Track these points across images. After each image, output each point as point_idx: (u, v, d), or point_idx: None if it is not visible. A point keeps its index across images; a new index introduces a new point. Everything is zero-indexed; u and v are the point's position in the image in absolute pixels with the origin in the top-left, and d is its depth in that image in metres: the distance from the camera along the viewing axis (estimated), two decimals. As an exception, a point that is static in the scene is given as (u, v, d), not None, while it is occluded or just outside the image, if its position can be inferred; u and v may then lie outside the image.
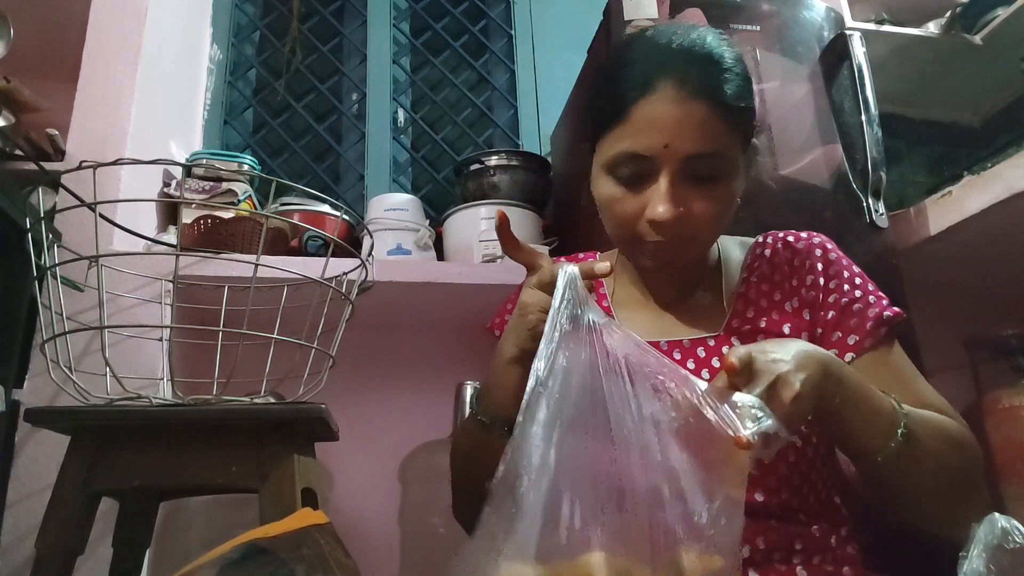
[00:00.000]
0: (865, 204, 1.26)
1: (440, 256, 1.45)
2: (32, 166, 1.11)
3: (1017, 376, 1.33)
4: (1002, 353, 1.38)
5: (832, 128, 1.30)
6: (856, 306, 0.71)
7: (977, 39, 1.64)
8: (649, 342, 0.71)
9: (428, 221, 1.49)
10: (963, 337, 1.48)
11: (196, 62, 1.70)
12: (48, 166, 1.14)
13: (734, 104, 0.66)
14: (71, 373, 0.67)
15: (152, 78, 1.35)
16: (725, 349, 0.71)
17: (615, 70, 0.70)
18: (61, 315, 0.68)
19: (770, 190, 1.22)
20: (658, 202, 0.65)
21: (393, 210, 1.44)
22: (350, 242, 1.40)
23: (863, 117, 1.28)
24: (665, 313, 0.77)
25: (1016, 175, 1.13)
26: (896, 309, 0.72)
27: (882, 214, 1.27)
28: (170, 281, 0.74)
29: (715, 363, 0.70)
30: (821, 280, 0.73)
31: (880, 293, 0.74)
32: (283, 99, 1.80)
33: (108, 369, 0.70)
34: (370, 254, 0.84)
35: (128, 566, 0.82)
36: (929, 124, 1.93)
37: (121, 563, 0.82)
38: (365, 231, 1.13)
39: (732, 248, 0.82)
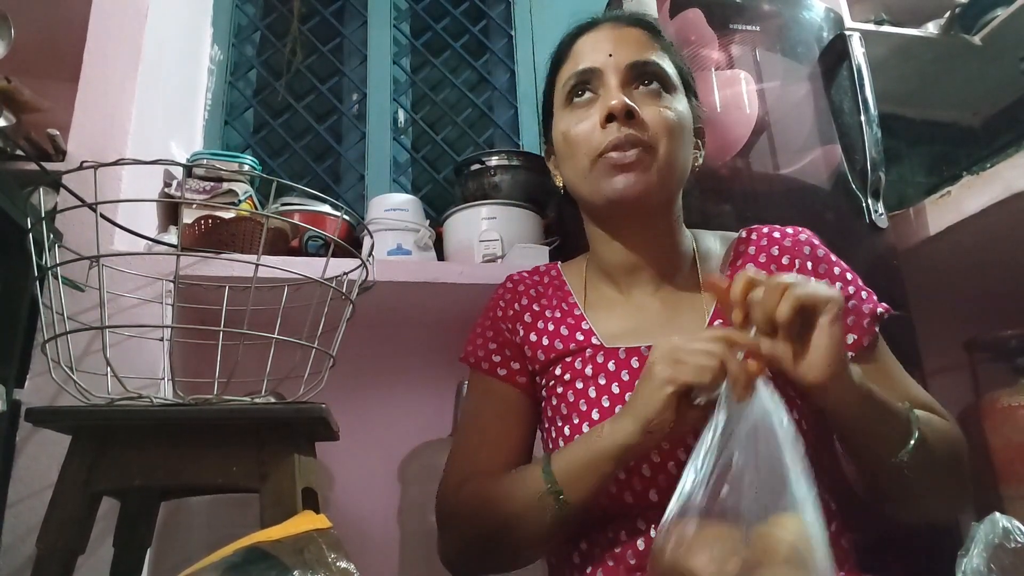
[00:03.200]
0: (865, 204, 1.27)
1: (440, 256, 1.45)
2: (33, 166, 1.12)
3: (1016, 376, 1.34)
4: (1001, 353, 1.38)
5: (832, 128, 1.30)
6: (851, 303, 0.71)
7: (976, 39, 1.64)
8: (627, 349, 0.71)
9: (428, 221, 1.49)
10: (963, 337, 1.48)
11: (197, 62, 1.70)
12: (49, 166, 1.14)
13: (665, 38, 0.76)
14: (72, 373, 0.67)
15: (153, 78, 1.35)
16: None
17: (563, 37, 0.81)
18: (62, 315, 0.68)
19: (770, 190, 1.23)
20: (609, 96, 0.70)
21: (393, 210, 1.44)
22: (350, 242, 1.40)
23: (862, 117, 1.29)
24: (642, 312, 0.75)
25: (1015, 175, 1.13)
26: (884, 304, 0.72)
27: (881, 214, 1.27)
28: (171, 281, 0.74)
29: None
30: (811, 277, 0.73)
31: (867, 287, 0.74)
32: (283, 99, 1.80)
33: (109, 369, 0.70)
34: (370, 254, 0.84)
35: (129, 566, 0.82)
36: (928, 124, 1.93)
37: (122, 563, 0.82)
38: (365, 231, 1.13)
39: (710, 241, 0.81)
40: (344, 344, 0.79)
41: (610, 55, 0.72)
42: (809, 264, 0.74)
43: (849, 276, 0.75)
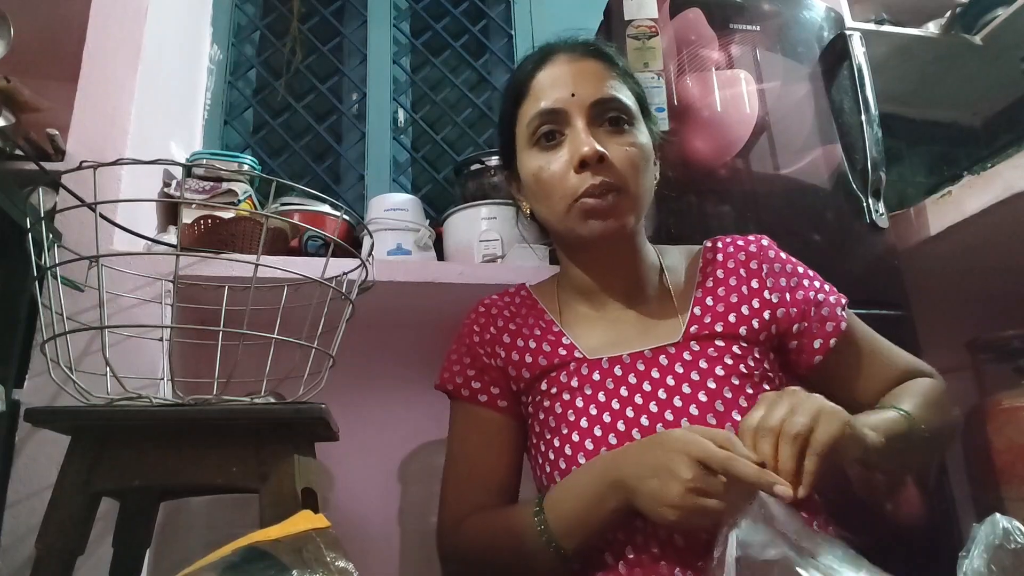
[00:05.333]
0: (865, 204, 1.26)
1: (440, 256, 1.45)
2: (32, 166, 1.11)
3: (1018, 378, 1.33)
4: (1004, 355, 1.38)
5: (832, 128, 1.30)
6: (820, 296, 0.76)
7: (977, 39, 1.64)
8: (611, 358, 0.73)
9: (428, 221, 1.49)
10: (964, 338, 1.48)
11: (196, 62, 1.70)
12: (48, 166, 1.14)
13: (619, 65, 0.77)
14: (71, 373, 0.67)
15: (152, 78, 1.35)
16: (686, 355, 0.71)
17: (519, 64, 0.82)
18: (61, 315, 0.68)
19: (770, 190, 1.23)
20: (581, 144, 0.70)
21: (393, 210, 1.44)
22: (350, 242, 1.40)
23: (863, 117, 1.29)
24: (617, 324, 0.77)
25: (1016, 175, 1.13)
26: (843, 295, 0.78)
27: (882, 214, 1.27)
28: (170, 281, 0.74)
29: (678, 369, 0.70)
30: (782, 280, 0.76)
31: (826, 281, 0.79)
32: (283, 99, 1.80)
33: (108, 369, 0.70)
34: (370, 254, 0.84)
35: (128, 566, 0.82)
36: (929, 124, 1.93)
37: (121, 563, 0.81)
38: (365, 231, 1.13)
39: (673, 255, 0.83)
40: (344, 344, 0.79)
41: (572, 94, 0.72)
42: (777, 267, 0.78)
43: (811, 274, 0.79)
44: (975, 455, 1.32)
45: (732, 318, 0.73)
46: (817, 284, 0.77)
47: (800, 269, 0.79)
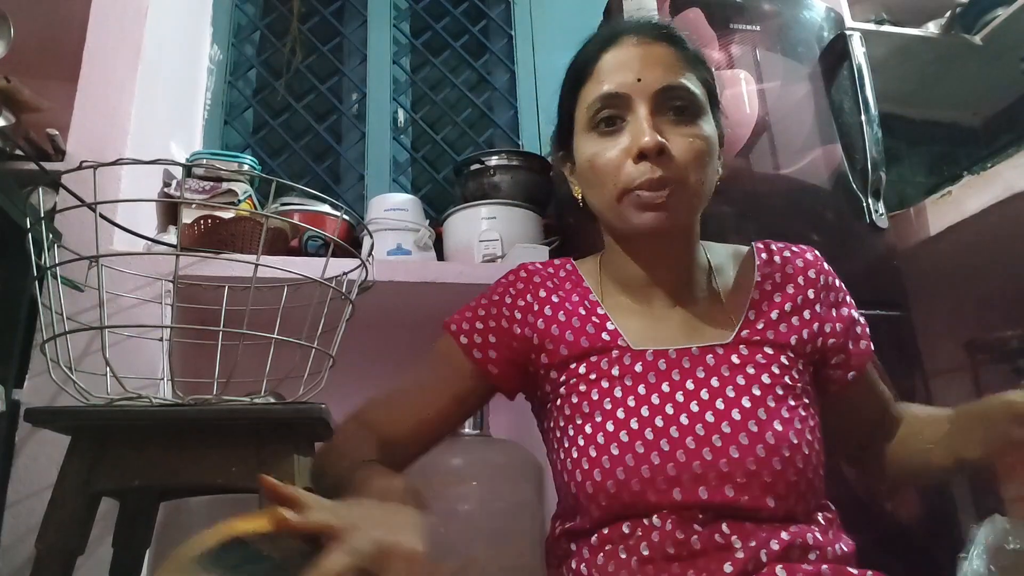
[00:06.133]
0: (865, 204, 1.26)
1: (440, 256, 1.45)
2: (32, 166, 1.11)
3: (1017, 378, 1.33)
4: (1003, 355, 1.38)
5: (832, 128, 1.30)
6: (855, 314, 0.76)
7: (977, 39, 1.64)
8: (656, 351, 0.71)
9: (428, 221, 1.49)
10: (964, 338, 1.48)
11: (196, 62, 1.70)
12: (48, 166, 1.14)
13: (691, 49, 0.73)
14: (71, 373, 0.67)
15: (152, 78, 1.35)
16: (734, 358, 0.70)
17: (584, 44, 0.77)
18: (61, 315, 0.68)
19: (770, 190, 1.23)
20: (641, 133, 0.67)
21: (393, 210, 1.44)
22: (350, 242, 1.40)
23: (863, 117, 1.29)
24: (663, 321, 0.75)
25: (1016, 175, 1.13)
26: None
27: (882, 214, 1.27)
28: (170, 281, 0.74)
29: (724, 371, 0.69)
30: (832, 295, 0.76)
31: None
32: (283, 99, 1.80)
33: (108, 369, 0.70)
34: (370, 254, 0.84)
35: (128, 566, 0.82)
36: (929, 124, 1.93)
37: (121, 563, 0.82)
38: (365, 231, 1.13)
39: (720, 254, 0.80)
40: (344, 344, 0.79)
41: (638, 79, 0.69)
42: (828, 279, 0.77)
43: (850, 297, 0.79)
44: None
45: (783, 327, 0.72)
46: (852, 301, 0.77)
47: (841, 284, 0.78)
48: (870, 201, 1.26)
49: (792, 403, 0.67)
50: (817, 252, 0.79)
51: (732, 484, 0.61)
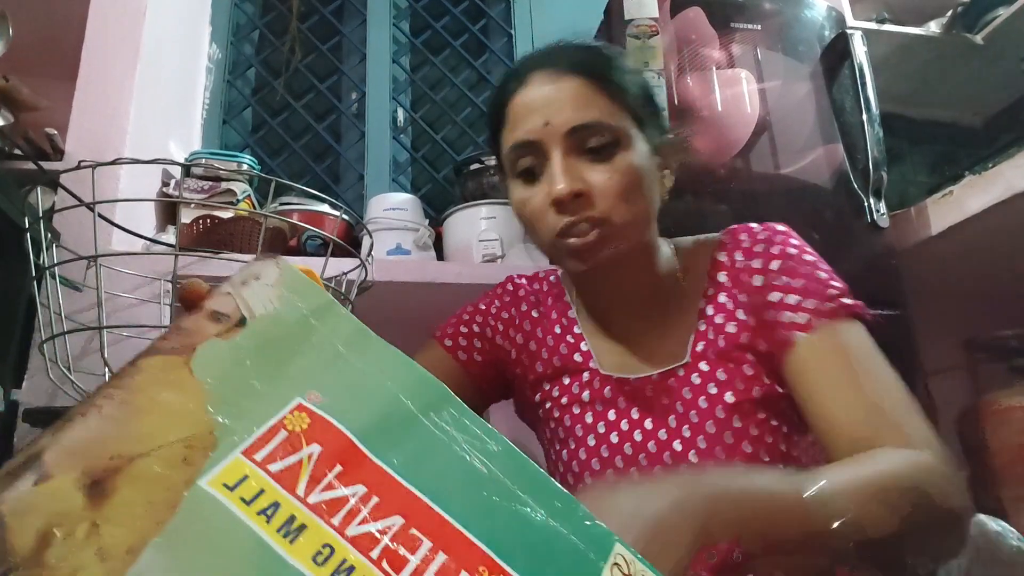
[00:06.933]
0: (866, 204, 1.26)
1: (440, 256, 1.45)
2: (31, 165, 1.11)
3: (1015, 377, 1.33)
4: (1001, 354, 1.38)
5: (833, 127, 1.29)
6: (791, 303, 0.64)
7: (978, 39, 1.64)
8: (618, 379, 0.69)
9: (428, 221, 1.49)
10: (963, 337, 1.48)
11: (195, 61, 1.69)
12: (47, 165, 1.14)
13: (606, 75, 0.66)
14: (70, 373, 0.67)
15: (151, 77, 1.34)
16: (695, 378, 0.65)
17: (499, 84, 0.72)
18: (60, 315, 0.68)
19: (771, 190, 1.22)
20: (554, 181, 0.63)
21: (393, 210, 1.44)
22: (349, 242, 1.40)
23: (864, 116, 1.28)
24: (627, 343, 0.72)
25: (1017, 175, 1.12)
26: (858, 303, 0.65)
27: (883, 214, 1.27)
28: (169, 281, 0.74)
29: (686, 394, 0.65)
30: (784, 279, 0.65)
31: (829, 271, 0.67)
32: (282, 98, 1.80)
33: (107, 369, 0.70)
34: (369, 254, 0.84)
35: (127, 567, 0.81)
36: (930, 124, 1.93)
37: (120, 564, 0.81)
38: (364, 231, 1.12)
39: (692, 253, 0.75)
40: (343, 344, 0.78)
41: (546, 123, 0.64)
42: (777, 263, 0.68)
43: (821, 263, 0.68)
44: (971, 455, 1.32)
45: (731, 327, 0.66)
46: (799, 284, 0.64)
47: (808, 257, 0.67)
48: (871, 201, 1.26)
49: (762, 416, 0.63)
50: (785, 227, 0.72)
51: None
